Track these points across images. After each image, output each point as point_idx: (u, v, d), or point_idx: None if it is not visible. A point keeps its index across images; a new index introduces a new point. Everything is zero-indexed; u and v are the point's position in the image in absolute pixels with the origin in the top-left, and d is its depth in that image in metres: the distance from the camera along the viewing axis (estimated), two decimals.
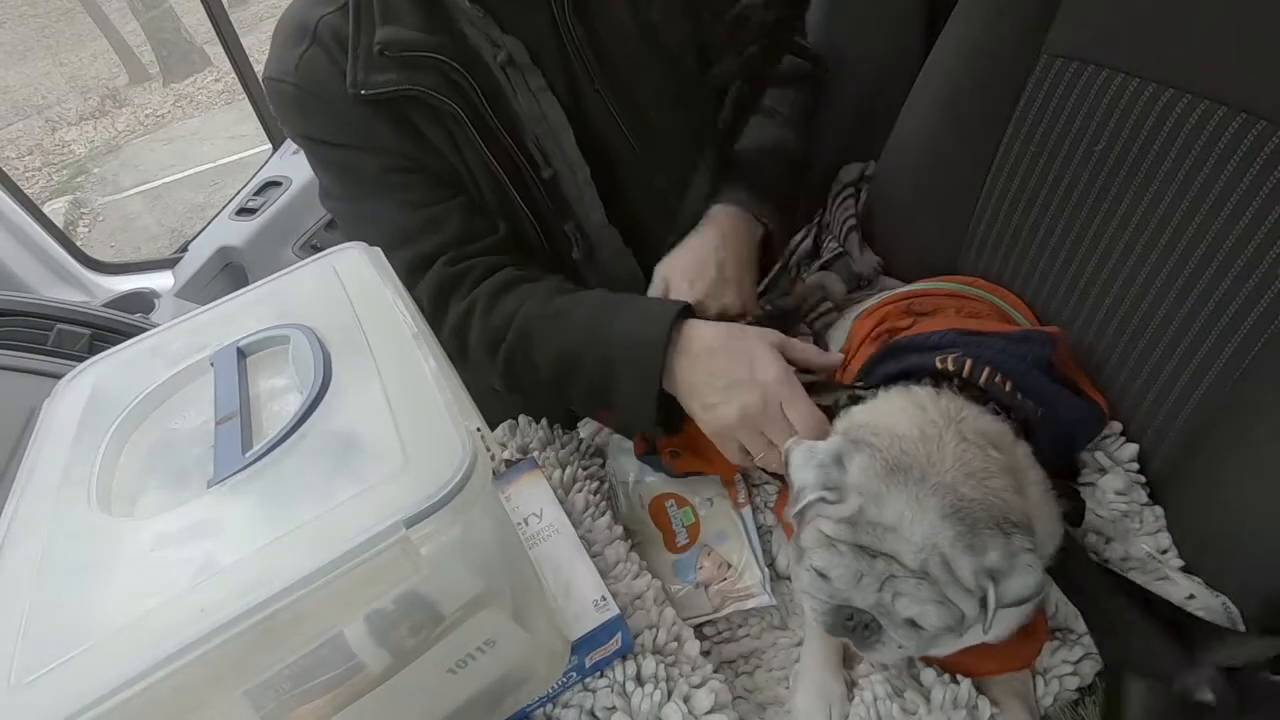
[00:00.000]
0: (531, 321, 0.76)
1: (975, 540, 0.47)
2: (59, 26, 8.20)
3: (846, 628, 0.52)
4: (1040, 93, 0.78)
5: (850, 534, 0.49)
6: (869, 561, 0.49)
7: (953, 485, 0.49)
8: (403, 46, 0.72)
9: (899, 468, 0.50)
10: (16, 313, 1.05)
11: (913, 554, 0.48)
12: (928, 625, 0.49)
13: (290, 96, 0.77)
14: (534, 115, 0.79)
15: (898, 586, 0.48)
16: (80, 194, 5.86)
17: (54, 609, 0.40)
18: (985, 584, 0.47)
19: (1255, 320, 0.62)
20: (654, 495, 0.81)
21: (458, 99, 0.75)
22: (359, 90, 0.73)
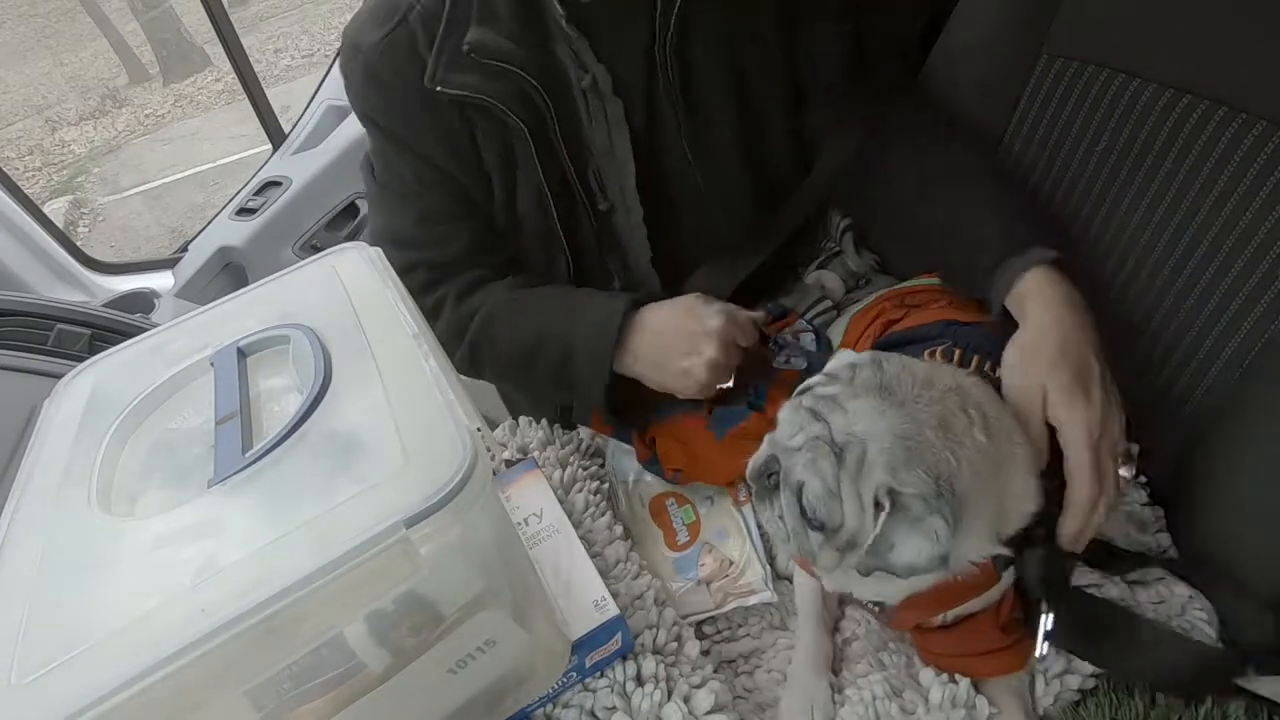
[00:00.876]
0: (497, 309, 0.80)
1: (903, 471, 0.48)
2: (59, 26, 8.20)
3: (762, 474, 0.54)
4: (1040, 93, 0.78)
5: (813, 401, 0.52)
6: (811, 420, 0.51)
7: (922, 423, 0.50)
8: (490, 53, 0.71)
9: (886, 386, 0.52)
10: (16, 313, 1.05)
11: (842, 432, 0.50)
12: (805, 500, 0.50)
13: (361, 71, 0.76)
14: (603, 147, 0.78)
15: (814, 450, 0.50)
16: (80, 194, 5.86)
17: (54, 609, 0.40)
18: (884, 502, 0.48)
19: (1255, 320, 0.62)
20: (654, 494, 0.81)
21: (529, 118, 0.73)
22: (436, 86, 0.72)
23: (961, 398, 0.53)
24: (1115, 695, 0.59)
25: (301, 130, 1.90)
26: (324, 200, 1.82)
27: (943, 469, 0.49)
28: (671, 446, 0.78)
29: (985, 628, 0.59)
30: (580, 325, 0.77)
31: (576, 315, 0.78)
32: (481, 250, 0.83)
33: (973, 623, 0.58)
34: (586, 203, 0.79)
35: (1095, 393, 0.57)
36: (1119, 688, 0.59)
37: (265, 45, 7.26)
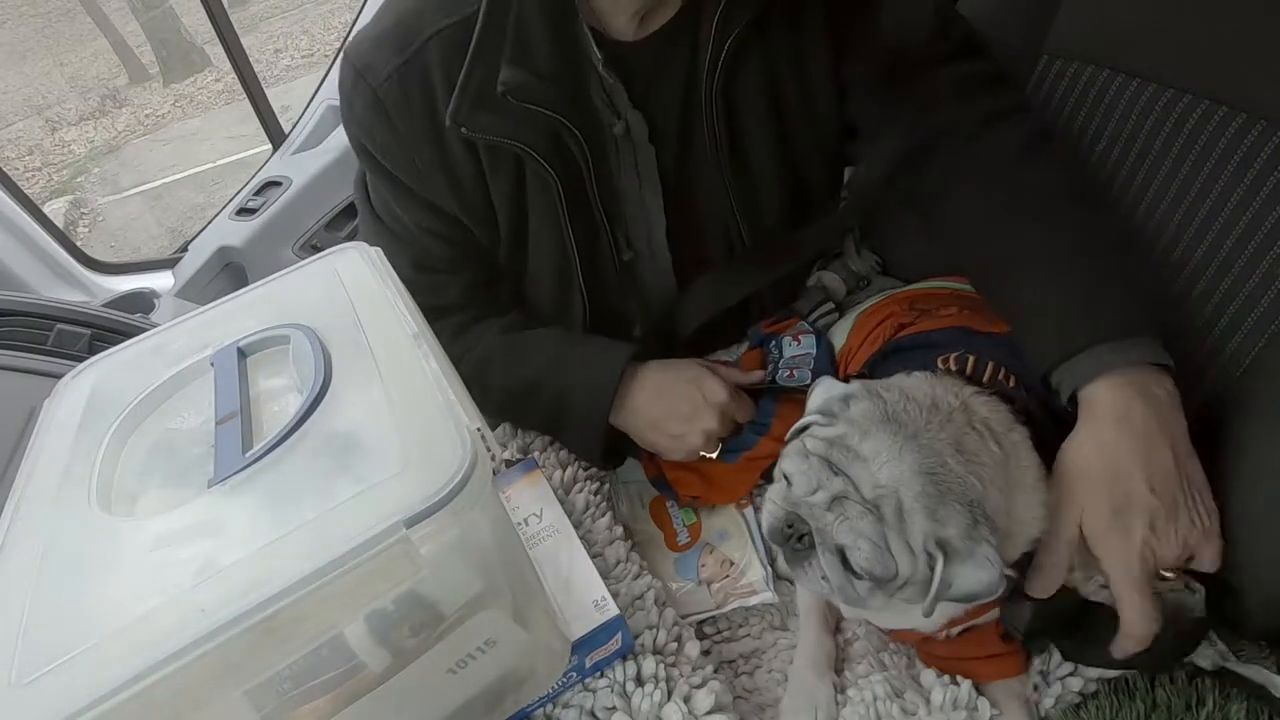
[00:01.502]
0: (493, 350, 0.79)
1: (940, 508, 0.47)
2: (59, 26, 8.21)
3: (785, 535, 0.52)
4: (1040, 93, 0.78)
5: (824, 449, 0.50)
6: (829, 476, 0.49)
7: (940, 453, 0.49)
8: (527, 96, 0.65)
9: (895, 419, 0.50)
10: (16, 313, 1.05)
11: (872, 487, 0.48)
12: (855, 561, 0.48)
13: (366, 102, 0.70)
14: (632, 196, 0.75)
15: (845, 509, 0.48)
16: (80, 194, 5.87)
17: (54, 609, 0.40)
18: (935, 553, 0.47)
19: (1256, 320, 0.62)
20: (655, 495, 0.81)
21: (559, 165, 0.69)
22: (460, 127, 0.66)
23: (968, 415, 0.53)
24: (1116, 698, 0.59)
25: (301, 130, 1.90)
26: (324, 200, 1.82)
27: (971, 493, 0.48)
28: (683, 475, 0.78)
29: (988, 637, 0.59)
30: (577, 375, 0.76)
31: (573, 365, 0.77)
32: (480, 293, 0.81)
33: (975, 633, 0.59)
34: (613, 251, 0.76)
35: (1137, 526, 0.53)
36: (1120, 690, 0.59)
37: (265, 45, 7.26)
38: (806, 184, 0.80)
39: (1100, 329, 0.57)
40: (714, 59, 0.68)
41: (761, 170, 0.76)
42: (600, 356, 0.76)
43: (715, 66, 0.68)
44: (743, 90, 0.72)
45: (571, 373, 0.76)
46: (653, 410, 0.76)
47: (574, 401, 0.76)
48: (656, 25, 0.69)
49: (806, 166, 0.78)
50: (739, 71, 0.70)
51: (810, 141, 0.77)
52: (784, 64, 0.72)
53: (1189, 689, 0.59)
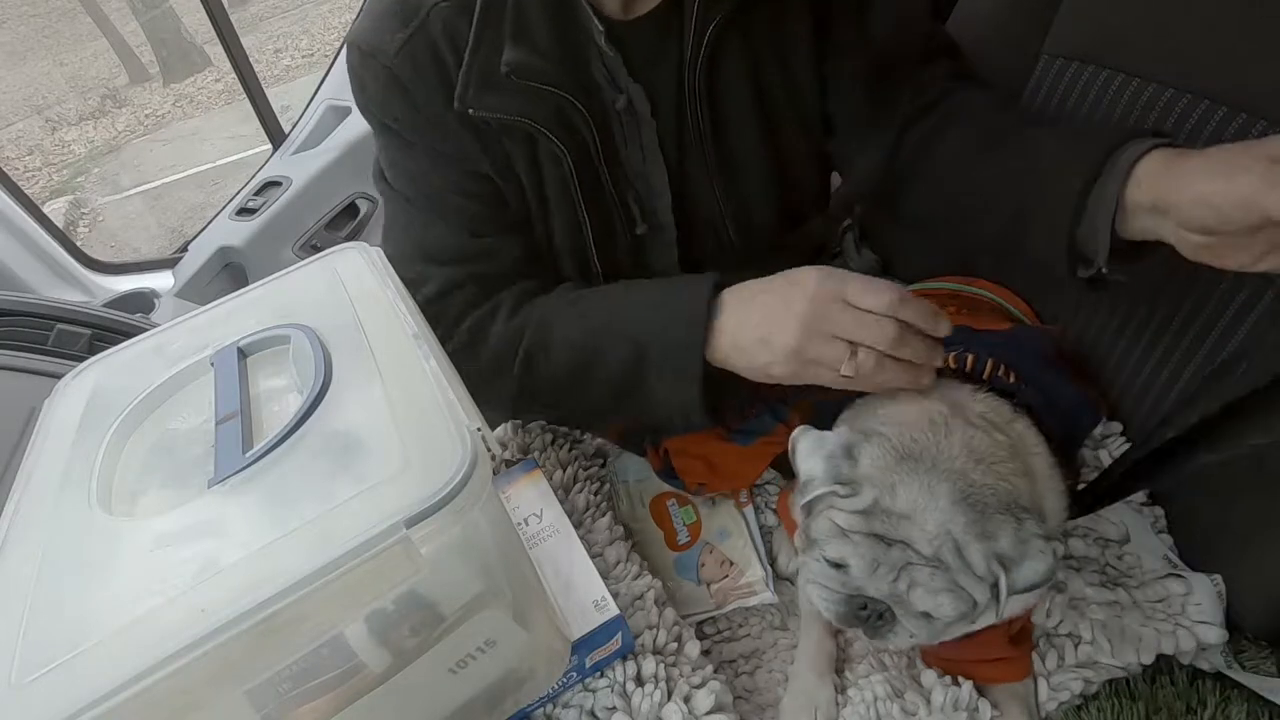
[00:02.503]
0: (552, 311, 0.72)
1: (987, 526, 0.47)
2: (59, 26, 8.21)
3: (860, 618, 0.51)
4: (1040, 93, 0.78)
5: (864, 524, 0.49)
6: (885, 550, 0.48)
7: (963, 471, 0.49)
8: (531, 74, 0.66)
9: (909, 455, 0.49)
10: (16, 313, 1.05)
11: (927, 541, 0.47)
12: (942, 615, 0.48)
13: (382, 78, 0.69)
14: (638, 170, 0.74)
15: (913, 575, 0.48)
16: (80, 194, 5.86)
17: (54, 609, 0.40)
18: (997, 570, 0.47)
19: (1256, 320, 0.62)
20: (655, 494, 0.81)
21: (569, 141, 0.69)
22: (466, 108, 0.66)
23: (964, 415, 0.53)
24: (1117, 700, 0.59)
25: (301, 130, 1.90)
26: (324, 200, 1.82)
27: (1004, 496, 0.48)
28: (689, 462, 0.78)
29: (995, 639, 0.59)
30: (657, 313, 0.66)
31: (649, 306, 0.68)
32: (533, 262, 0.76)
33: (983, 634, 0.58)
34: (625, 226, 0.76)
35: None
36: (1121, 692, 0.59)
37: (265, 45, 7.26)
38: (793, 178, 0.80)
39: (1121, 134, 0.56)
40: (695, 47, 0.69)
41: (746, 161, 0.77)
42: (681, 287, 0.67)
43: (697, 55, 0.69)
44: (725, 80, 0.72)
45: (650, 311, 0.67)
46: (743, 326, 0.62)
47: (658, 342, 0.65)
48: (643, 10, 0.69)
49: (793, 160, 0.79)
50: (721, 61, 0.71)
51: (796, 134, 0.78)
52: (767, 54, 0.73)
53: (1190, 691, 0.59)
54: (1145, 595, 0.64)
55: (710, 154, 0.75)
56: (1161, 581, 0.64)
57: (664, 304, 0.67)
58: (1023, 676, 0.60)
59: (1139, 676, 0.60)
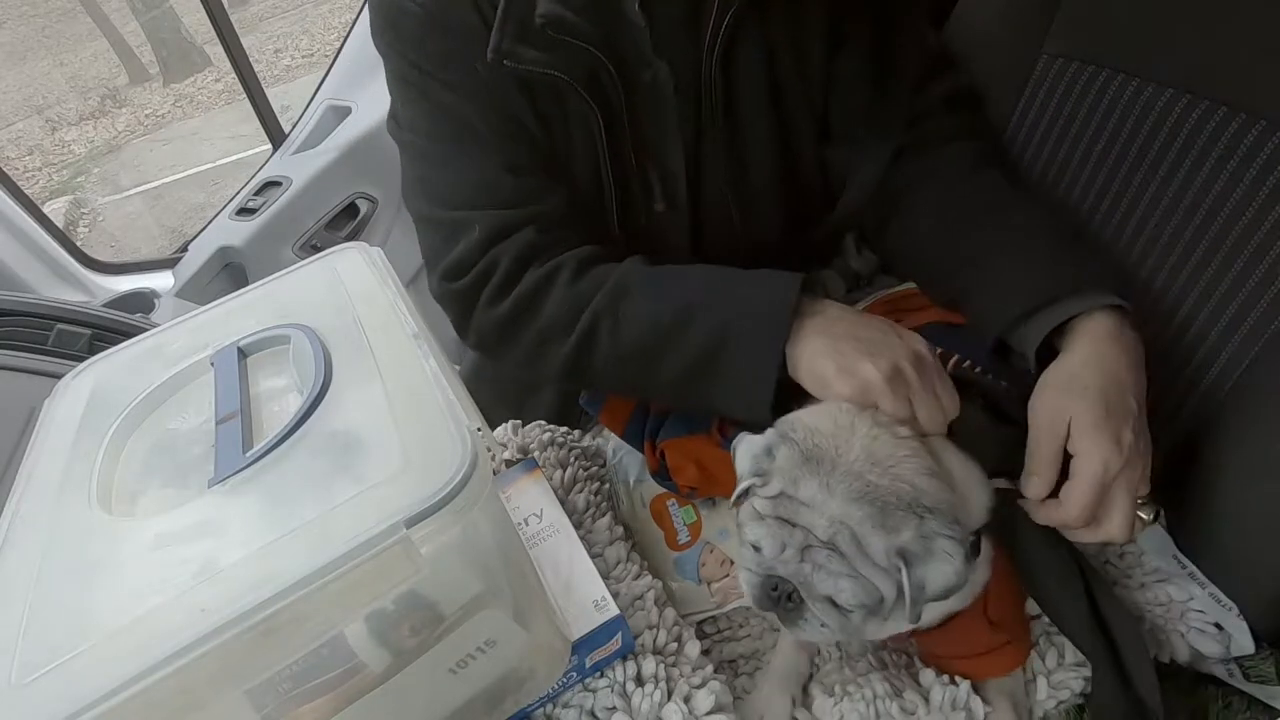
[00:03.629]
0: (631, 280, 0.67)
1: (886, 520, 0.49)
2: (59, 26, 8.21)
3: (772, 598, 0.53)
4: (1040, 93, 0.78)
5: (773, 509, 0.52)
6: (789, 531, 0.51)
7: (860, 473, 0.51)
8: (565, 28, 0.66)
9: (812, 457, 0.52)
10: (16, 313, 1.05)
11: (823, 526, 0.50)
12: (843, 602, 0.50)
13: (413, 18, 0.68)
14: (658, 147, 0.74)
15: (814, 557, 0.50)
16: (80, 194, 5.86)
17: (54, 609, 0.40)
18: (898, 563, 0.49)
19: (1256, 320, 0.62)
20: (655, 494, 0.81)
21: (600, 102, 0.69)
22: (502, 59, 0.66)
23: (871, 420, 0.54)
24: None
25: (301, 130, 1.90)
26: (324, 200, 1.82)
27: (906, 496, 0.50)
28: (683, 463, 0.78)
29: (977, 626, 0.59)
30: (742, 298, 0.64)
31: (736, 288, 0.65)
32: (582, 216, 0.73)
33: (963, 621, 0.59)
34: (645, 201, 0.75)
35: (1125, 436, 0.55)
36: None
37: (265, 45, 7.26)
38: (800, 172, 0.80)
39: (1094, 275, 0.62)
40: (715, 28, 0.69)
41: (755, 152, 0.77)
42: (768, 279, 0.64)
43: (716, 36, 0.69)
44: (741, 64, 0.72)
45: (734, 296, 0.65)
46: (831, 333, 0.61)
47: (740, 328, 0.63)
48: None
49: (801, 155, 0.79)
50: (738, 45, 0.71)
51: (806, 133, 0.78)
52: (783, 46, 0.73)
53: (1192, 697, 0.59)
54: (1145, 597, 0.64)
55: (721, 143, 0.75)
56: (1161, 585, 0.64)
57: (756, 291, 0.64)
58: (1007, 670, 0.60)
59: None
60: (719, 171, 0.76)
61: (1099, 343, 0.58)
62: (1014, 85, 0.80)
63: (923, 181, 0.75)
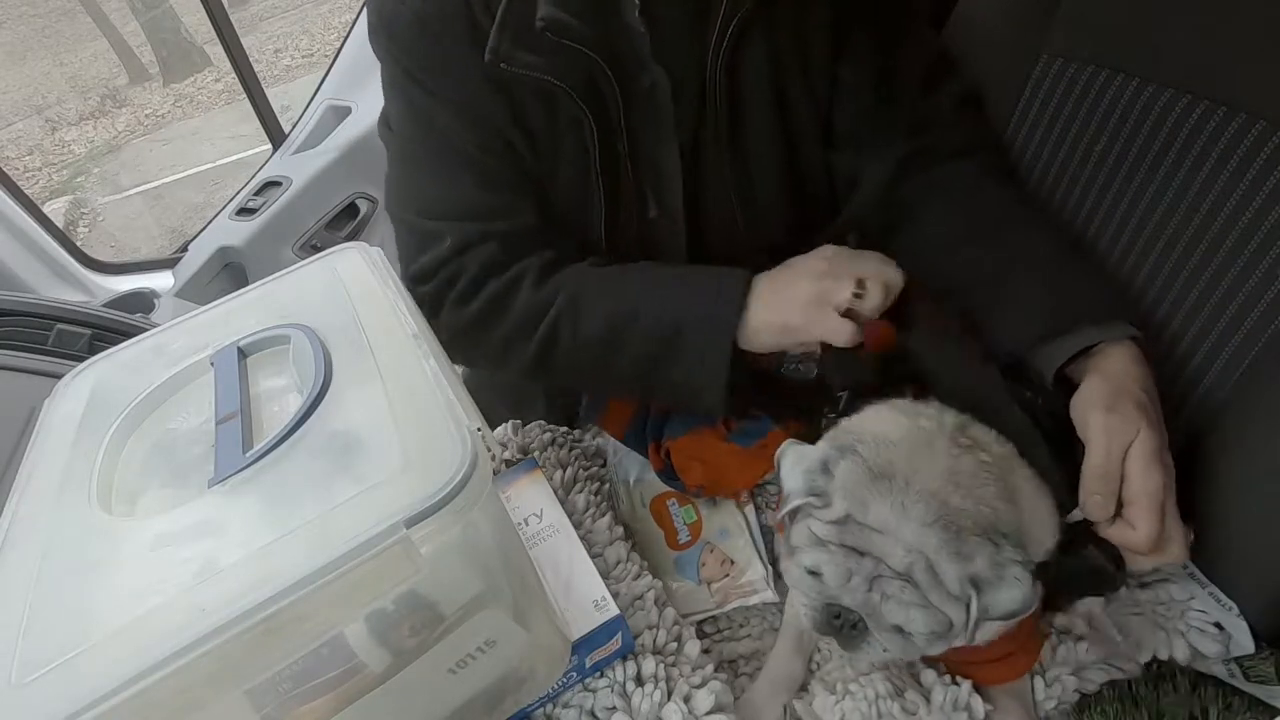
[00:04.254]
0: (586, 283, 0.71)
1: (962, 547, 0.47)
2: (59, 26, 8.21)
3: (834, 626, 0.51)
4: (1040, 93, 0.78)
5: (838, 535, 0.49)
6: (857, 560, 0.49)
7: (938, 493, 0.48)
8: (564, 31, 0.65)
9: (883, 474, 0.49)
10: (16, 313, 1.05)
11: (899, 556, 0.48)
12: (913, 630, 0.49)
13: (408, 23, 0.68)
14: (653, 154, 0.74)
15: (885, 588, 0.48)
16: (80, 194, 5.86)
17: (54, 609, 0.40)
18: (970, 591, 0.47)
19: (1255, 320, 0.62)
20: (655, 494, 0.81)
21: (595, 108, 0.69)
22: (499, 62, 0.65)
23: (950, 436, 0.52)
24: (1120, 703, 0.59)
25: (301, 130, 1.90)
26: (324, 200, 1.82)
27: (983, 520, 0.48)
28: (690, 463, 0.78)
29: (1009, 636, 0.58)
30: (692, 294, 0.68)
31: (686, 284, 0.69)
32: (550, 228, 0.74)
33: None
34: (636, 208, 0.75)
35: (1168, 458, 0.56)
36: (1124, 697, 0.59)
37: (265, 45, 7.26)
38: (805, 178, 0.79)
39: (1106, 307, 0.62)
40: (721, 33, 0.69)
41: (759, 154, 0.76)
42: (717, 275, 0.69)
43: (721, 41, 0.69)
44: (746, 69, 0.72)
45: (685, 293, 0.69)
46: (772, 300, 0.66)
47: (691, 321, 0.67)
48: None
49: (806, 160, 0.78)
50: (743, 50, 0.71)
51: (812, 140, 0.77)
52: (789, 53, 0.73)
53: (1192, 698, 0.59)
54: (1145, 596, 0.64)
55: (725, 148, 0.74)
56: (1163, 585, 0.64)
57: (704, 284, 0.68)
58: (1020, 675, 0.60)
59: (1141, 680, 0.60)
60: (722, 177, 0.76)
61: (1132, 366, 0.58)
62: (1014, 85, 0.80)
63: (932, 193, 0.75)
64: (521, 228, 0.73)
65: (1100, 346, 0.60)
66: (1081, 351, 0.60)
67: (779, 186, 0.78)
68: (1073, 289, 0.64)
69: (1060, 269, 0.66)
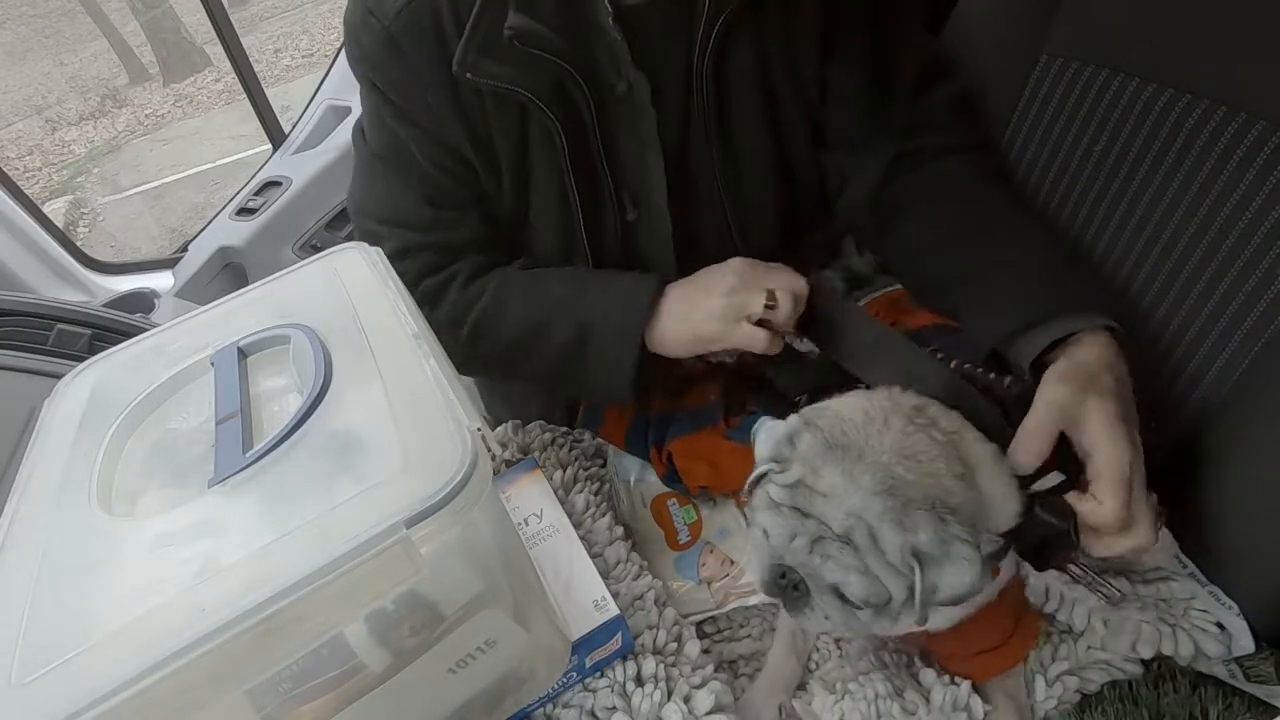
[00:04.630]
0: (507, 286, 0.76)
1: (905, 518, 0.48)
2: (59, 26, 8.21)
3: (779, 586, 0.53)
4: (1040, 93, 0.78)
5: (788, 497, 0.51)
6: (801, 521, 0.50)
7: (888, 465, 0.49)
8: (533, 40, 0.65)
9: (838, 445, 0.51)
10: (16, 313, 1.05)
11: (840, 519, 0.49)
12: (851, 595, 0.49)
13: (376, 38, 0.69)
14: (634, 158, 0.74)
15: (826, 549, 0.49)
16: (80, 194, 5.86)
17: (54, 609, 0.40)
18: (912, 563, 0.48)
19: (1255, 320, 0.62)
20: (656, 494, 0.81)
21: (564, 117, 0.69)
22: (465, 73, 0.66)
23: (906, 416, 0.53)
24: (1121, 704, 0.59)
25: (301, 130, 1.91)
26: (324, 200, 1.82)
27: (931, 493, 0.48)
28: (692, 464, 0.78)
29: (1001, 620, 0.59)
30: (603, 298, 0.72)
31: (598, 288, 0.73)
32: (493, 239, 0.79)
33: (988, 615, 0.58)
34: (616, 211, 0.76)
35: (1136, 437, 0.55)
36: (1125, 697, 0.59)
37: (265, 45, 7.26)
38: (796, 178, 0.80)
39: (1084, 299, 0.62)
40: (705, 36, 0.69)
41: (749, 156, 0.77)
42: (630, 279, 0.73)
43: (706, 44, 0.69)
44: (733, 71, 0.72)
45: (595, 301, 0.73)
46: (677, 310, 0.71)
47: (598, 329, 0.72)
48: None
49: (797, 160, 0.79)
50: (730, 52, 0.71)
51: (802, 138, 0.78)
52: (776, 53, 0.73)
53: (1192, 698, 0.59)
54: (1149, 591, 0.64)
55: (715, 149, 0.75)
56: (1164, 582, 0.64)
57: (611, 290, 0.73)
58: (1018, 663, 0.60)
59: (1142, 681, 0.60)
60: (712, 178, 0.76)
61: (1105, 350, 0.59)
62: (1014, 85, 0.80)
63: (921, 195, 0.75)
64: (459, 241, 0.78)
65: (1079, 335, 0.60)
66: (1059, 343, 0.60)
67: (770, 188, 0.79)
68: (1050, 283, 0.64)
69: (1042, 265, 0.67)
